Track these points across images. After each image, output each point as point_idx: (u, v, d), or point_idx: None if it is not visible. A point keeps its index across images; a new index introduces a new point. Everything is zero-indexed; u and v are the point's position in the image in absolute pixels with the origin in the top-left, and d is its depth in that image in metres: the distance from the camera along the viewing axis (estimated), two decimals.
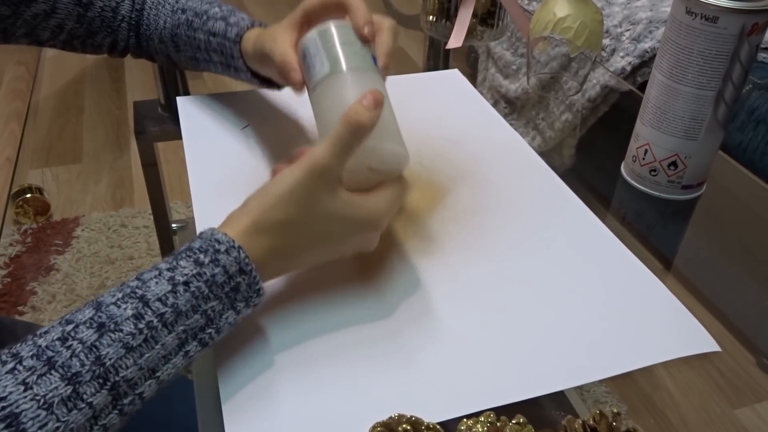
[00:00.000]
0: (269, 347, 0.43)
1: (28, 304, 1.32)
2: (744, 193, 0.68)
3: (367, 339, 0.44)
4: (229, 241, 0.39)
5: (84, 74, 2.17)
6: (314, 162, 0.39)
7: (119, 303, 0.36)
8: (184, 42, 0.62)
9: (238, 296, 0.39)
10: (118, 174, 1.72)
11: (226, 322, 0.39)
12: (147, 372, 0.35)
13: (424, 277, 0.49)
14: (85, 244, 1.47)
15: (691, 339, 0.45)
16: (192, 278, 0.37)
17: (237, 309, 0.39)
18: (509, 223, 0.55)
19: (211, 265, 0.38)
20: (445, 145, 0.65)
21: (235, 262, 0.38)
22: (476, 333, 0.45)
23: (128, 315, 0.35)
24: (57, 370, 0.33)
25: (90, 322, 0.35)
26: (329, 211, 0.41)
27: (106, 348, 0.34)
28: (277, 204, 0.40)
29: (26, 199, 1.54)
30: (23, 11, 0.59)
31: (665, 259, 0.57)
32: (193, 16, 0.61)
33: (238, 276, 0.38)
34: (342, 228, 0.42)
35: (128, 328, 0.35)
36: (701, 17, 0.52)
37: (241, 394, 0.40)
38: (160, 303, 0.36)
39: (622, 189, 0.64)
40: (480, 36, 0.88)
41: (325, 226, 0.41)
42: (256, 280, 0.39)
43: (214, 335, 0.38)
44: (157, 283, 0.37)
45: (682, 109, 0.57)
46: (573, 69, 0.78)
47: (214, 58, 0.60)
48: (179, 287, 0.37)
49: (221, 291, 0.38)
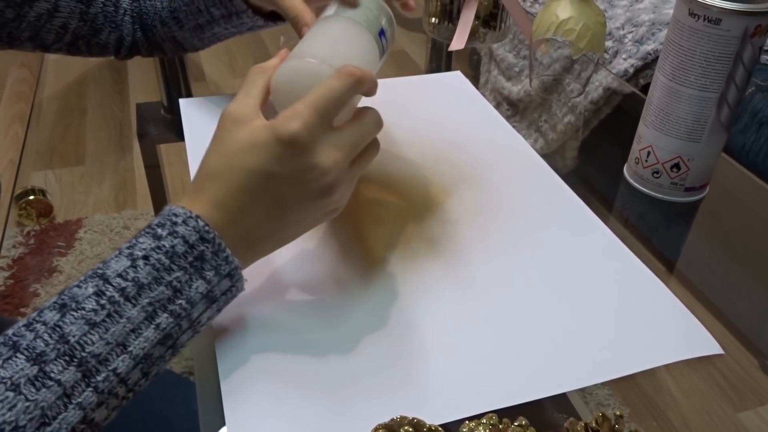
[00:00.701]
0: (271, 349, 0.43)
1: (30, 306, 1.32)
2: (747, 195, 0.68)
3: (369, 340, 0.44)
4: (185, 212, 0.39)
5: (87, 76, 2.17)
6: (223, 112, 0.41)
7: (81, 284, 0.36)
8: (184, 13, 0.62)
9: (205, 265, 0.38)
10: (120, 176, 1.72)
11: (196, 292, 0.38)
12: (117, 347, 0.35)
13: (426, 279, 0.49)
14: (88, 246, 1.47)
15: (694, 341, 0.45)
16: (151, 251, 0.37)
17: (206, 278, 0.39)
18: (511, 225, 0.55)
19: (169, 237, 0.38)
20: (447, 147, 0.65)
21: (194, 231, 0.38)
22: (478, 335, 0.45)
23: (89, 293, 0.36)
24: (22, 353, 0.33)
25: (53, 305, 0.36)
26: (238, 145, 0.40)
27: (70, 326, 0.35)
28: (205, 162, 0.41)
29: (29, 201, 1.54)
30: (27, 12, 0.59)
31: (668, 261, 0.57)
32: None
33: (200, 244, 0.38)
34: (257, 155, 0.39)
35: (90, 305, 0.35)
36: (704, 19, 0.52)
37: (242, 395, 0.40)
38: (120, 278, 0.36)
39: (624, 191, 0.64)
40: (482, 38, 0.88)
41: (241, 161, 0.39)
42: (221, 247, 0.39)
43: (186, 305, 0.38)
44: (117, 261, 0.37)
45: (684, 111, 0.56)
46: (575, 71, 0.78)
47: (215, 14, 0.60)
48: (139, 261, 0.37)
49: (184, 261, 0.38)
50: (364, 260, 0.51)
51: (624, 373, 0.42)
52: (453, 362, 0.43)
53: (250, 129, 0.40)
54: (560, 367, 0.43)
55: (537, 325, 0.46)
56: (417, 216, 0.56)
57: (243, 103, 0.41)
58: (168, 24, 0.64)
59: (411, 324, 0.45)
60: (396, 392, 0.41)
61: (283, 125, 0.39)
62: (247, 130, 0.40)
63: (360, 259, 0.51)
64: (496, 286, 0.49)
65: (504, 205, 0.57)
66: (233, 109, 0.41)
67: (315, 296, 0.47)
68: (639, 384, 0.44)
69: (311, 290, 0.48)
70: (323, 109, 0.40)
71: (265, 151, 0.39)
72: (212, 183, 0.40)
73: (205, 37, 0.64)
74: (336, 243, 0.53)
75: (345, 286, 0.48)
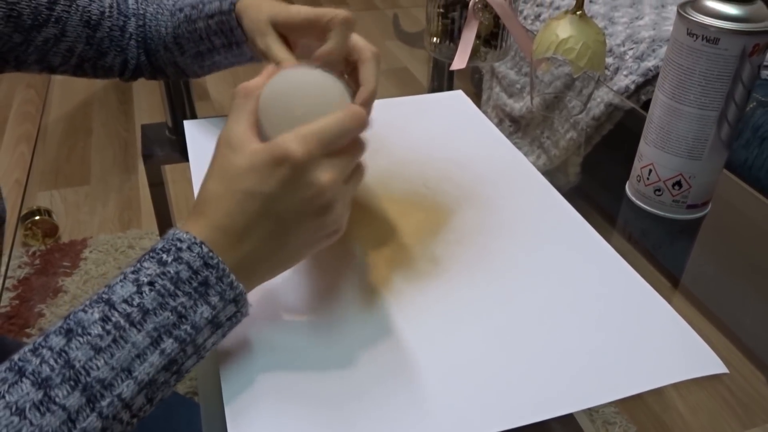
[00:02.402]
0: (275, 369, 0.43)
1: (35, 327, 1.32)
2: (750, 211, 0.68)
3: (372, 361, 0.44)
4: (190, 238, 0.39)
5: (93, 97, 2.20)
6: (219, 140, 0.42)
7: (86, 309, 0.37)
8: (186, 39, 0.63)
9: (210, 291, 0.39)
10: (125, 195, 1.73)
11: (202, 318, 0.38)
12: (122, 372, 0.35)
13: (429, 299, 0.49)
14: (93, 266, 1.48)
15: (699, 361, 0.45)
16: (156, 277, 0.38)
17: (211, 303, 0.39)
18: (514, 244, 0.55)
19: (174, 263, 0.38)
20: (449, 167, 0.65)
21: (198, 257, 0.39)
22: (482, 355, 0.45)
23: (95, 318, 0.36)
24: (28, 378, 0.34)
25: (59, 330, 0.36)
26: (237, 169, 0.40)
27: (75, 351, 0.35)
28: (202, 189, 0.41)
29: (35, 221, 1.55)
30: (34, 37, 0.60)
31: (672, 277, 0.57)
32: (190, 10, 0.62)
33: (204, 270, 0.39)
34: (255, 179, 0.40)
35: (96, 331, 0.36)
36: (702, 39, 0.53)
37: (246, 415, 0.40)
38: (126, 304, 0.37)
39: (627, 208, 0.64)
40: (483, 57, 0.89)
41: (241, 184, 0.40)
42: (225, 272, 0.39)
43: (191, 331, 0.38)
44: (122, 286, 0.37)
45: (685, 129, 0.57)
46: (576, 88, 0.79)
47: (216, 43, 0.61)
48: (144, 287, 0.37)
49: (189, 287, 0.38)
50: (367, 280, 0.51)
51: (626, 394, 0.42)
52: (457, 382, 0.43)
53: (247, 152, 0.40)
54: (563, 387, 0.43)
55: (540, 345, 0.46)
56: (419, 235, 0.56)
57: (236, 128, 0.42)
58: (171, 49, 0.65)
59: (414, 344, 0.45)
60: (400, 412, 0.41)
61: (281, 147, 0.39)
62: (245, 154, 0.40)
63: (363, 279, 0.51)
64: (499, 306, 0.49)
65: (506, 224, 0.58)
66: (227, 135, 0.42)
67: (318, 316, 0.47)
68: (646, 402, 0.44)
69: (314, 310, 0.48)
70: (327, 141, 0.40)
71: (262, 173, 0.40)
72: (212, 207, 0.40)
73: (206, 65, 0.65)
74: (339, 263, 0.53)
75: (348, 306, 0.48)
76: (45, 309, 1.36)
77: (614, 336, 0.47)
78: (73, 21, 0.61)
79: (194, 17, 0.61)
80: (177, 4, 0.65)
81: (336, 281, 0.51)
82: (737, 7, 0.52)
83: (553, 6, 1.64)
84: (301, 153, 0.39)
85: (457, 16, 0.86)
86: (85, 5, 0.62)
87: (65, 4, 0.60)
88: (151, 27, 0.66)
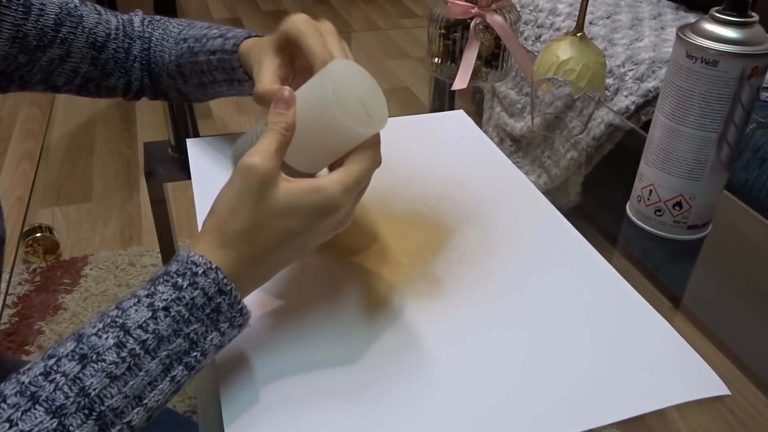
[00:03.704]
0: (275, 390, 0.43)
1: (35, 344, 1.32)
2: (751, 231, 0.68)
3: (372, 379, 0.44)
4: (206, 262, 0.39)
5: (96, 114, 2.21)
6: (248, 167, 0.40)
7: (100, 333, 0.36)
8: (189, 70, 0.63)
9: (221, 317, 0.39)
10: (127, 213, 1.73)
11: (211, 344, 0.39)
12: (133, 400, 0.35)
13: (429, 318, 0.49)
14: (93, 283, 1.48)
15: (701, 382, 0.45)
16: (172, 303, 0.37)
17: (221, 330, 0.39)
18: (515, 263, 0.55)
19: (189, 288, 0.38)
20: (450, 186, 0.66)
21: (213, 284, 0.39)
22: (482, 376, 0.45)
23: (110, 344, 0.36)
24: (41, 405, 0.33)
25: (72, 354, 0.35)
26: (278, 207, 0.40)
27: (90, 378, 0.34)
28: (229, 216, 0.40)
29: (36, 238, 1.55)
30: (39, 57, 0.60)
31: (673, 298, 0.56)
32: (193, 42, 0.63)
33: (218, 297, 0.39)
34: (298, 219, 0.41)
35: (111, 357, 0.35)
36: (701, 61, 0.53)
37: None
38: (141, 330, 0.36)
39: (627, 228, 0.64)
40: (485, 77, 0.89)
41: (281, 222, 0.41)
42: (237, 299, 0.40)
43: (200, 358, 0.38)
44: (137, 311, 0.37)
45: (685, 151, 0.57)
46: (577, 108, 0.79)
47: (217, 78, 0.61)
48: (159, 313, 0.37)
49: (202, 313, 0.38)
50: (368, 298, 0.51)
51: (627, 415, 0.42)
52: (457, 402, 0.43)
53: (290, 191, 0.40)
54: (564, 408, 0.42)
55: (541, 365, 0.45)
56: (420, 254, 0.56)
57: (270, 159, 0.40)
58: (174, 77, 0.66)
59: (414, 363, 0.45)
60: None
61: (332, 198, 0.41)
62: (288, 192, 0.40)
63: (364, 298, 0.51)
64: (499, 325, 0.49)
65: (507, 244, 0.58)
66: (260, 165, 0.40)
67: (318, 335, 0.47)
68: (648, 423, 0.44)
69: (314, 329, 0.48)
70: (363, 181, 0.43)
71: (307, 217, 0.41)
72: (243, 242, 0.40)
73: (208, 94, 0.65)
74: (339, 281, 0.53)
75: (349, 324, 0.48)
76: (45, 326, 1.36)
77: (615, 357, 0.46)
78: (79, 42, 0.62)
79: (197, 50, 0.62)
80: (182, 34, 0.65)
81: (337, 300, 0.51)
82: (736, 30, 0.52)
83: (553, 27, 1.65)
84: (348, 205, 0.42)
85: (458, 37, 0.87)
86: (91, 27, 0.62)
87: (71, 26, 0.61)
88: (156, 52, 0.66)
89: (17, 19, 0.57)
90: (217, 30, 0.62)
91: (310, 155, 0.45)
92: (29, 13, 0.58)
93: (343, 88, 0.42)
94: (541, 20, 1.70)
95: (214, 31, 0.62)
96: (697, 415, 0.45)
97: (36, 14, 0.58)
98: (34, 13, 0.58)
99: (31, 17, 0.58)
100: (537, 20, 1.72)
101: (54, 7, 0.59)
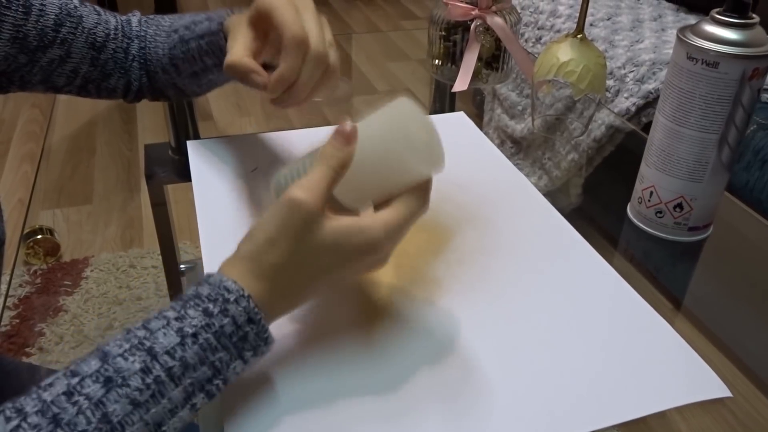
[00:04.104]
0: (276, 401, 0.43)
1: (35, 346, 1.32)
2: (752, 233, 0.68)
3: (372, 383, 0.44)
4: (238, 290, 0.38)
5: (97, 117, 2.21)
6: (295, 202, 0.39)
7: (126, 355, 0.35)
8: (181, 60, 0.63)
9: (246, 345, 0.39)
10: (128, 215, 1.73)
11: (233, 372, 0.38)
12: (153, 426, 0.35)
13: (429, 319, 0.49)
14: (94, 285, 1.48)
15: (702, 384, 0.45)
16: (201, 330, 0.37)
17: (245, 358, 0.39)
18: (515, 265, 0.55)
19: (220, 315, 0.37)
20: (451, 188, 0.66)
21: (244, 312, 0.38)
22: (482, 377, 0.45)
23: (136, 369, 0.35)
24: (63, 428, 0.33)
25: (96, 375, 0.34)
26: (320, 245, 0.40)
27: (113, 404, 0.34)
28: (268, 248, 0.40)
29: (37, 240, 1.55)
30: (39, 58, 0.60)
31: (674, 300, 0.56)
32: (183, 30, 0.63)
33: (247, 326, 0.38)
34: (337, 258, 0.40)
35: (136, 383, 0.35)
36: (702, 63, 0.53)
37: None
38: (168, 356, 0.36)
39: (628, 230, 0.64)
40: (485, 79, 0.89)
41: (320, 260, 0.40)
42: (264, 329, 0.39)
43: (222, 386, 0.38)
44: (165, 335, 0.36)
45: (686, 152, 0.57)
46: (578, 110, 0.79)
47: (208, 63, 0.61)
48: (188, 339, 0.36)
49: (229, 342, 0.38)
50: (369, 300, 0.51)
51: (629, 417, 0.42)
52: (458, 403, 0.42)
53: (333, 230, 0.39)
54: (565, 410, 0.42)
55: (541, 367, 0.45)
56: (421, 255, 0.56)
57: (319, 197, 0.39)
58: (168, 71, 0.66)
59: (415, 365, 0.45)
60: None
61: (373, 239, 0.40)
62: (330, 232, 0.39)
63: (363, 300, 0.51)
64: (500, 327, 0.49)
65: (508, 245, 0.58)
66: (308, 202, 0.39)
67: (318, 338, 0.47)
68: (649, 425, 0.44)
69: (314, 331, 0.48)
70: (408, 225, 0.42)
71: (349, 256, 0.40)
72: (279, 275, 0.40)
73: (203, 84, 0.65)
74: None
75: (349, 326, 0.48)
76: (45, 328, 1.36)
77: (616, 358, 0.46)
78: (79, 43, 0.62)
79: (187, 38, 0.62)
80: (173, 26, 0.65)
81: (337, 301, 0.51)
82: (736, 31, 0.52)
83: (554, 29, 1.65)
84: (390, 247, 0.41)
85: (458, 39, 0.87)
86: (90, 27, 0.63)
87: (71, 26, 0.61)
88: (151, 49, 0.67)
89: (17, 19, 0.57)
90: (205, 15, 0.62)
91: (363, 191, 0.44)
92: (29, 13, 0.58)
93: (412, 126, 0.42)
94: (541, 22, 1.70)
95: (202, 17, 0.62)
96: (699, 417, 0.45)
97: (36, 15, 0.58)
98: (34, 14, 0.58)
99: (31, 18, 0.58)
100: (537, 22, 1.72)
101: (54, 7, 0.59)
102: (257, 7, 0.50)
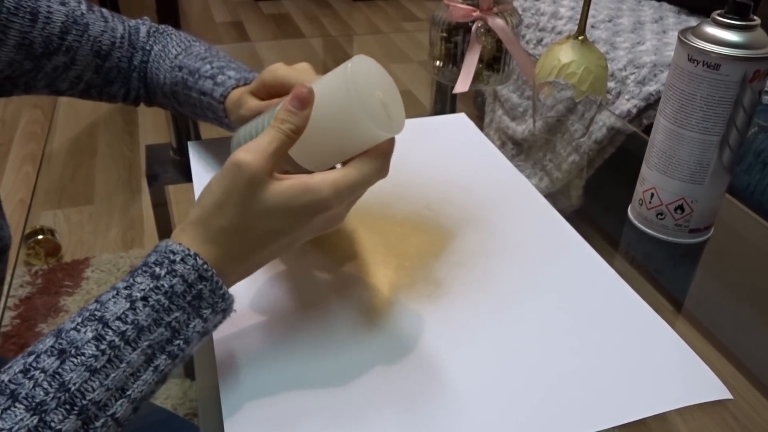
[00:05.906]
0: (275, 392, 0.43)
1: None
2: (753, 236, 0.68)
3: (373, 382, 0.44)
4: (183, 250, 0.38)
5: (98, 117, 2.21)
6: (239, 165, 0.39)
7: (79, 327, 0.36)
8: (183, 99, 0.64)
9: (203, 303, 0.39)
10: (129, 216, 1.73)
11: (194, 332, 0.38)
12: (116, 392, 0.35)
13: (430, 322, 0.49)
14: (95, 285, 1.48)
15: (702, 386, 0.45)
16: (150, 292, 0.37)
17: (203, 316, 0.39)
18: (516, 266, 0.55)
19: (168, 276, 0.38)
20: (452, 189, 0.66)
21: (193, 270, 0.38)
22: (483, 379, 0.45)
23: (89, 338, 0.35)
24: (21, 402, 0.33)
25: (51, 350, 0.35)
26: (266, 207, 0.39)
27: (70, 373, 0.34)
28: (216, 212, 0.40)
29: (38, 240, 1.55)
30: (44, 64, 0.60)
31: (675, 302, 0.56)
32: (187, 74, 0.62)
33: (199, 283, 0.38)
34: (286, 219, 0.40)
35: (90, 351, 0.35)
36: (703, 64, 0.53)
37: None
38: (119, 321, 0.36)
39: (629, 232, 0.64)
40: (486, 81, 0.90)
41: (269, 221, 0.40)
42: (219, 284, 0.39)
43: (183, 346, 0.38)
44: (115, 303, 0.37)
45: (687, 154, 0.57)
46: (579, 112, 0.79)
47: (208, 115, 0.62)
48: (138, 303, 0.37)
49: (183, 301, 0.38)
50: (369, 301, 0.51)
51: (629, 419, 0.42)
52: (457, 404, 0.42)
53: (279, 191, 0.39)
54: (565, 411, 0.42)
55: (542, 368, 0.45)
56: (422, 257, 0.56)
57: (264, 159, 0.39)
58: (168, 98, 0.66)
59: (416, 366, 0.45)
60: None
61: (321, 199, 0.40)
62: (276, 193, 0.39)
63: (365, 301, 0.51)
64: (500, 328, 0.49)
65: (509, 247, 0.58)
66: (252, 164, 0.39)
67: (319, 338, 0.47)
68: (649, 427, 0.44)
69: (316, 332, 0.48)
70: (359, 188, 0.41)
71: (298, 217, 0.40)
72: (228, 239, 0.40)
73: (203, 120, 0.66)
74: (341, 284, 0.53)
75: (350, 327, 0.48)
76: (46, 329, 1.36)
77: (616, 360, 0.46)
78: (84, 50, 0.62)
79: (190, 85, 0.62)
80: (178, 59, 0.64)
81: (338, 302, 0.51)
82: (738, 33, 0.52)
83: (555, 31, 1.65)
84: (340, 207, 0.41)
85: (460, 40, 0.87)
86: (96, 35, 0.63)
87: (77, 34, 0.61)
88: (152, 69, 0.66)
89: (24, 26, 0.57)
90: (210, 66, 0.61)
91: (322, 154, 0.44)
92: (36, 20, 0.58)
93: (366, 87, 0.41)
94: (542, 24, 1.70)
95: (207, 68, 0.61)
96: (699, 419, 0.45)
97: (43, 22, 0.58)
98: (40, 21, 0.58)
99: (38, 25, 0.58)
100: (538, 24, 1.72)
101: (60, 15, 0.59)
102: (261, 80, 0.54)
